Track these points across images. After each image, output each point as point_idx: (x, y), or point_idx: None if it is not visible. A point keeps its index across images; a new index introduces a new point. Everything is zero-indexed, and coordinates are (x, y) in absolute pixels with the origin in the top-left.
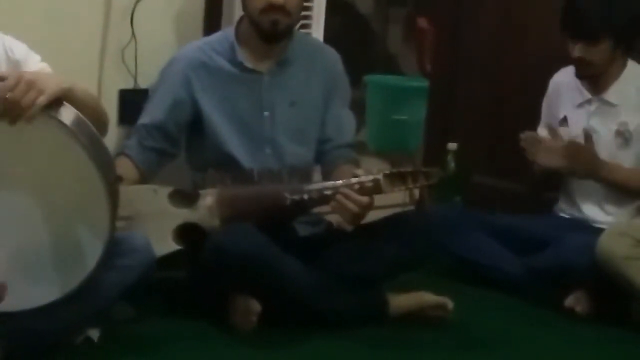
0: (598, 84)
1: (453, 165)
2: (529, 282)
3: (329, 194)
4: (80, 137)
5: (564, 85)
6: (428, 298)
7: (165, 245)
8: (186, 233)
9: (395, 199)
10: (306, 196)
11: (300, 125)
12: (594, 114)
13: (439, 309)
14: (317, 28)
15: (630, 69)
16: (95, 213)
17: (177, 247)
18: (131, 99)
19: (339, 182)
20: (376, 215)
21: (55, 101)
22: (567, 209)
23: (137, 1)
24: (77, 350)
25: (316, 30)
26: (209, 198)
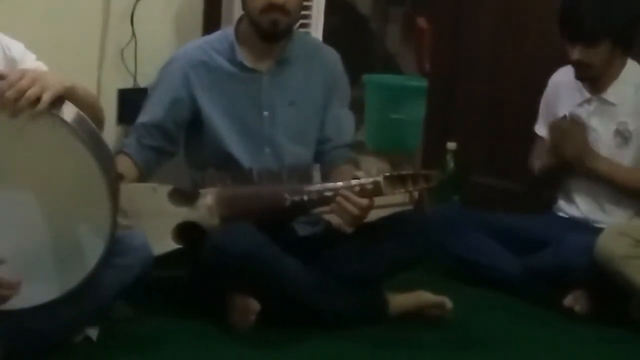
0: (597, 83)
1: (452, 165)
2: (528, 282)
3: (329, 196)
4: (81, 135)
5: (563, 84)
6: (427, 298)
7: (165, 244)
8: (185, 232)
9: (394, 199)
10: (306, 197)
11: (300, 125)
12: (593, 114)
13: (438, 309)
14: (317, 27)
15: (630, 69)
16: (97, 211)
17: (177, 246)
18: (130, 99)
19: (339, 184)
20: (375, 215)
21: (57, 99)
22: (566, 209)
23: (137, 1)
24: (76, 349)
25: (315, 30)
26: (208, 197)
